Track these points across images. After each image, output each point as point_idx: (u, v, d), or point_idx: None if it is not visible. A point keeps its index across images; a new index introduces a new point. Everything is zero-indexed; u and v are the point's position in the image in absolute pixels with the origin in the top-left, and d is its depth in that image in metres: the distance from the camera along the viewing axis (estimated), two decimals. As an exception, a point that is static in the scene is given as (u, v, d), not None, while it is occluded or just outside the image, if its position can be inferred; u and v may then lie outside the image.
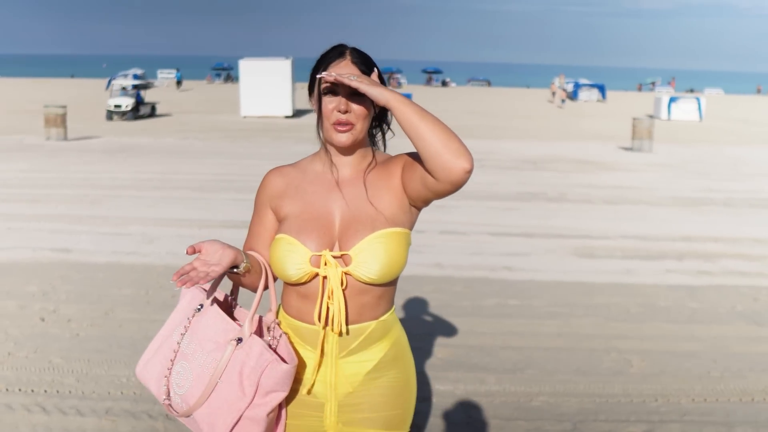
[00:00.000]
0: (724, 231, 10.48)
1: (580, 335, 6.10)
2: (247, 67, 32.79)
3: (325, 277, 2.26)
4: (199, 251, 2.19)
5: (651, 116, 29.56)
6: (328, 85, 2.27)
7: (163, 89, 58.31)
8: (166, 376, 2.29)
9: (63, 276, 7.56)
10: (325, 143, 2.38)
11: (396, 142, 2.45)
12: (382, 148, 2.46)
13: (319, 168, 2.41)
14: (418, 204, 2.33)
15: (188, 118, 30.41)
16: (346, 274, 2.26)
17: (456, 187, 2.17)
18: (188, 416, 2.27)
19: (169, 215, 10.78)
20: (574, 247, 9.29)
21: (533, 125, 29.32)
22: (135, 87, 32.05)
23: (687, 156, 20.32)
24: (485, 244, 9.23)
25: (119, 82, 32.93)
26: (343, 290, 2.27)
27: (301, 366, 2.34)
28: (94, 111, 30.05)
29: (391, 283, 2.36)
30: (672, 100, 38.69)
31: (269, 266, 2.37)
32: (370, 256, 2.24)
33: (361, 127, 2.30)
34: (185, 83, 60.77)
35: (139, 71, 61.13)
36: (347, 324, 2.30)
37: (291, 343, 2.33)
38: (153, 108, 31.43)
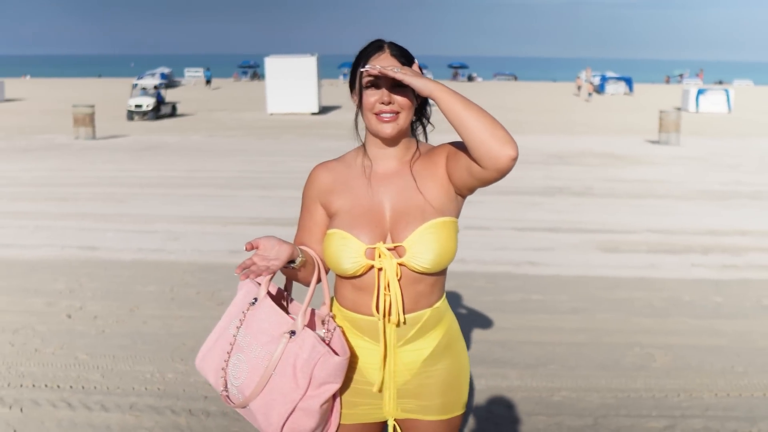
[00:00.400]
0: (751, 224, 10.37)
1: (602, 330, 6.07)
2: (272, 64, 32.93)
3: (380, 269, 2.32)
4: (257, 247, 2.26)
5: (679, 109, 29.23)
6: (370, 78, 2.31)
7: (190, 87, 58.71)
8: (223, 368, 2.35)
9: (89, 273, 7.65)
10: (368, 137, 2.42)
11: (436, 137, 2.46)
12: (423, 140, 2.50)
13: (364, 161, 2.45)
14: (464, 192, 2.38)
15: (214, 116, 30.61)
16: (400, 265, 2.32)
17: (502, 174, 2.21)
18: (244, 407, 2.33)
19: (194, 213, 10.87)
20: (599, 241, 9.24)
21: (559, 119, 29.14)
22: (156, 87, 31.90)
23: (715, 149, 20.09)
24: (509, 239, 9.21)
25: (144, 82, 33.08)
26: (398, 280, 2.33)
27: (359, 356, 2.40)
28: (122, 110, 30.31)
29: (443, 272, 2.41)
30: (700, 92, 38.24)
31: (321, 260, 2.42)
32: (424, 247, 2.29)
33: (405, 117, 2.34)
34: (214, 81, 61.09)
35: (166, 70, 61.61)
36: (404, 313, 2.36)
37: (344, 335, 2.39)
38: (174, 107, 31.37)
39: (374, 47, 2.35)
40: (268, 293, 2.40)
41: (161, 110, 29.92)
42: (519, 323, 6.17)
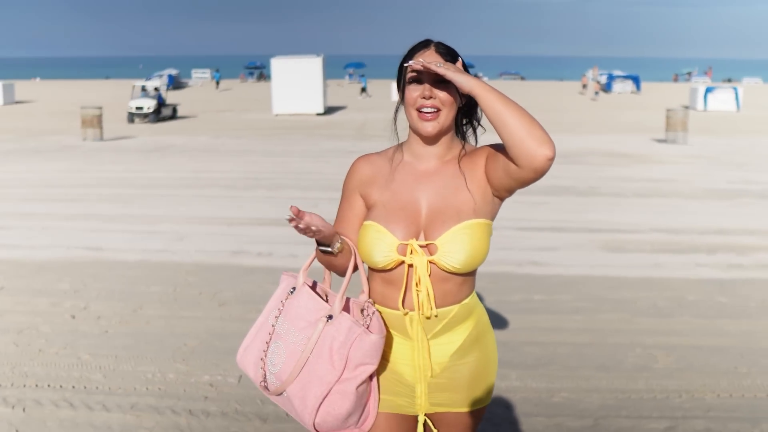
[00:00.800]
0: (759, 224, 10.33)
1: (605, 330, 6.06)
2: (278, 65, 33.00)
3: (411, 265, 2.35)
4: (303, 217, 2.29)
5: (687, 107, 29.13)
6: (413, 74, 2.34)
7: (197, 89, 58.88)
8: (262, 359, 2.39)
9: (94, 274, 7.68)
10: (410, 134, 2.45)
11: (488, 139, 2.48)
12: (473, 143, 2.52)
13: (405, 158, 2.48)
14: (502, 194, 2.40)
15: (221, 117, 30.68)
16: (431, 262, 2.34)
17: (539, 174, 2.23)
18: (280, 394, 2.36)
19: (199, 213, 10.90)
20: (603, 241, 9.22)
21: (566, 118, 29.07)
22: (156, 88, 31.39)
23: (722, 147, 20.03)
24: (513, 238, 9.19)
25: (145, 83, 32.53)
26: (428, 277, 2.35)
27: (390, 348, 2.43)
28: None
29: (472, 272, 2.43)
30: (708, 90, 38.13)
31: (357, 251, 2.46)
32: (456, 247, 2.32)
33: (446, 114, 2.36)
34: (222, 83, 61.16)
35: (174, 71, 61.80)
36: (430, 308, 2.37)
37: (383, 319, 2.40)
38: (174, 110, 31.12)
39: (421, 45, 2.39)
40: (305, 283, 2.44)
41: (162, 112, 29.65)
42: (521, 323, 6.16)
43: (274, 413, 4.55)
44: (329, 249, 2.40)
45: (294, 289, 2.43)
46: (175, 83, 58.66)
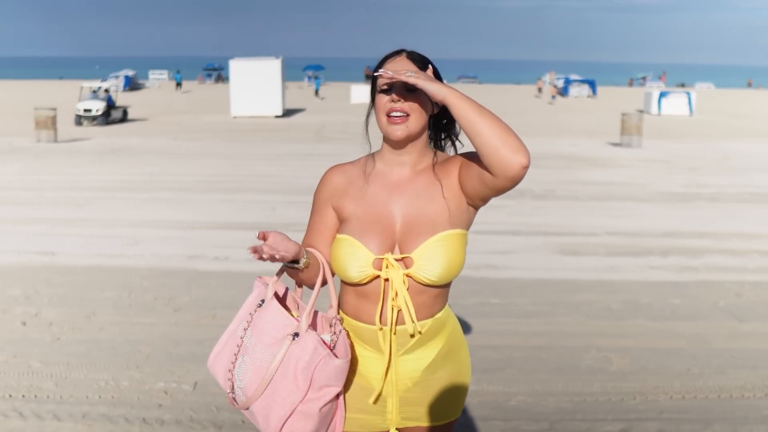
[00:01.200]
0: (710, 226, 10.51)
1: (560, 334, 6.11)
2: (237, 67, 32.81)
3: (386, 280, 2.32)
4: (266, 239, 2.24)
5: (641, 111, 29.55)
6: (384, 83, 2.33)
7: (154, 90, 58.27)
8: (230, 370, 2.37)
9: (46, 279, 7.54)
10: (383, 143, 2.43)
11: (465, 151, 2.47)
12: (449, 153, 2.51)
13: (377, 167, 2.44)
14: (476, 203, 2.38)
15: (178, 119, 30.37)
16: (406, 275, 2.32)
17: (513, 182, 2.21)
18: (247, 408, 2.34)
19: (155, 217, 10.76)
20: (559, 244, 9.31)
21: (523, 122, 29.30)
22: (106, 90, 30.00)
23: (676, 151, 20.36)
24: (470, 242, 9.16)
25: (94, 84, 31.07)
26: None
27: (361, 364, 2.41)
28: (84, 112, 29.89)
29: (447, 284, 2.41)
30: (662, 94, 38.77)
31: (328, 263, 2.42)
32: (432, 259, 2.30)
33: (415, 119, 2.34)
34: (184, 84, 60.41)
35: (130, 72, 61.04)
36: (403, 323, 2.35)
37: (349, 339, 2.39)
38: (125, 112, 29.93)
39: (393, 52, 2.40)
40: (276, 295, 2.41)
41: (111, 115, 28.45)
42: (477, 327, 6.18)
43: (230, 420, 4.50)
44: (295, 266, 2.35)
45: (263, 302, 2.39)
46: (131, 84, 57.99)
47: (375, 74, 2.34)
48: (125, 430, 4.40)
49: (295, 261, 2.33)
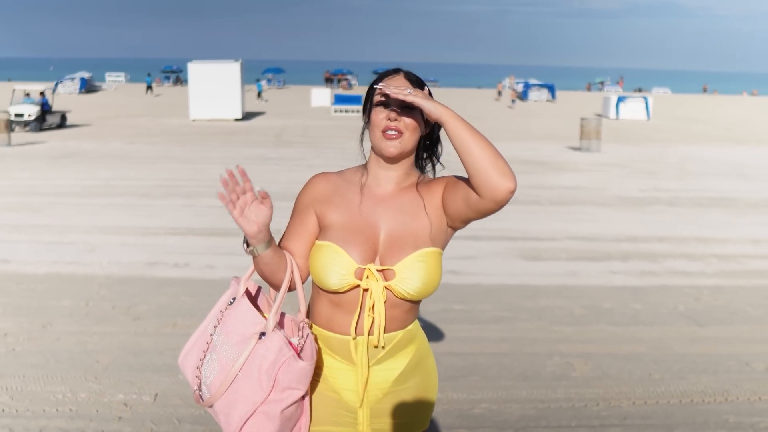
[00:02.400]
0: (669, 231, 10.63)
1: (524, 340, 6.11)
2: (196, 70, 32.52)
3: (366, 290, 2.33)
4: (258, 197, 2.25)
5: (600, 116, 29.90)
6: (381, 98, 2.36)
7: (110, 92, 57.54)
8: (198, 367, 2.36)
9: (0, 288, 7.36)
10: (371, 156, 2.46)
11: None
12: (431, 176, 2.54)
13: (363, 180, 2.46)
14: (456, 224, 2.41)
15: (136, 122, 29.99)
16: (386, 287, 2.33)
17: (499, 205, 2.24)
18: (211, 406, 2.33)
19: (112, 223, 10.58)
20: (521, 249, 9.34)
21: (482, 126, 29.33)
22: (42, 92, 27.33)
23: (634, 155, 20.61)
24: (433, 247, 9.20)
25: (30, 87, 29.25)
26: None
27: (331, 376, 2.42)
28: (40, 115, 29.33)
29: (420, 300, 2.43)
30: (620, 99, 39.29)
31: (297, 267, 2.41)
32: (413, 274, 2.32)
33: (409, 138, 2.38)
34: (138, 86, 59.66)
35: (87, 75, 60.20)
36: (379, 334, 2.37)
37: (316, 343, 2.39)
38: (63, 117, 27.44)
39: (391, 70, 2.44)
40: (248, 293, 2.40)
41: (47, 120, 26.23)
42: (441, 334, 6.17)
43: (191, 432, 4.42)
44: (250, 249, 2.31)
45: (234, 299, 2.39)
46: (88, 86, 57.23)
47: (375, 87, 2.38)
48: (83, 444, 4.30)
49: (255, 245, 2.29)
